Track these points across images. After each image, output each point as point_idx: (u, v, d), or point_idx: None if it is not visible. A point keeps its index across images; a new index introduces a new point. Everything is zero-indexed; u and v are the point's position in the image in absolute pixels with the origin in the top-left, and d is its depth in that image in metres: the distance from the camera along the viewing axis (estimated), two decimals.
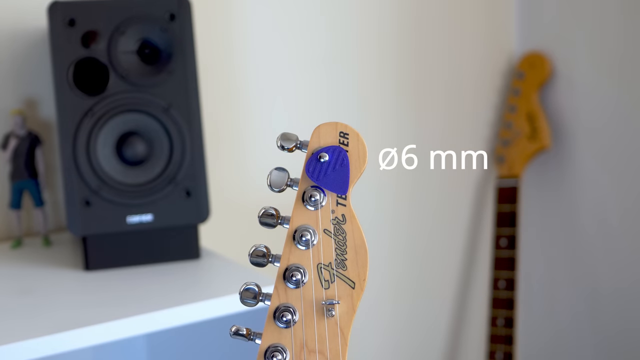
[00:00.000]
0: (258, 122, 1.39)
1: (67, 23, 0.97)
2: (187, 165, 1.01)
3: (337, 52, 1.45)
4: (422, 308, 1.67)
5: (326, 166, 0.53)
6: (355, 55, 1.47)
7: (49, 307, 0.89)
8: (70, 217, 0.98)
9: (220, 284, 0.99)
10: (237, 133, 1.37)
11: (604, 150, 1.57)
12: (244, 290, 0.55)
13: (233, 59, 1.35)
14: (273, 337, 0.55)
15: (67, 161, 0.98)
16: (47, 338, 0.79)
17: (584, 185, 1.61)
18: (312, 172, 0.53)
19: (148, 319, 0.85)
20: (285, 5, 1.39)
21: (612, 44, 1.53)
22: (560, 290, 1.70)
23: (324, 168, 0.53)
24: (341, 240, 0.54)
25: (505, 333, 1.58)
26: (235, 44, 1.35)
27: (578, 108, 1.60)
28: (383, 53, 1.51)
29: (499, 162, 1.63)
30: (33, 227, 1.18)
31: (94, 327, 0.82)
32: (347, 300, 0.54)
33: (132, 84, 0.99)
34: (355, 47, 1.47)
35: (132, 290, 0.94)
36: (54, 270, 1.02)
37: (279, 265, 0.55)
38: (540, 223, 1.71)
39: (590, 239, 1.62)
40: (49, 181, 1.19)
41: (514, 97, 1.62)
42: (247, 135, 1.38)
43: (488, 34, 1.65)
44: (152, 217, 1.00)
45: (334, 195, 0.54)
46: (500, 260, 1.59)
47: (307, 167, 0.53)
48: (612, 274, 1.59)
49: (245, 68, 1.36)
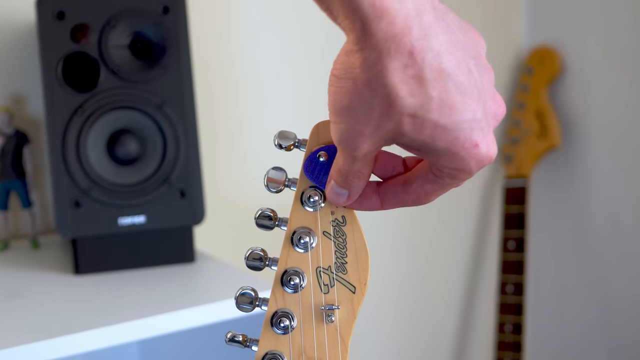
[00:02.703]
0: (255, 120, 1.39)
1: (56, 16, 0.97)
2: (182, 165, 1.01)
3: (337, 47, 1.45)
4: (426, 313, 1.67)
5: (325, 165, 0.53)
6: None
7: (36, 313, 0.89)
8: (59, 218, 0.98)
9: (216, 289, 0.99)
10: (233, 131, 1.38)
11: (617, 148, 1.57)
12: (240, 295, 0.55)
13: (229, 54, 1.35)
14: (270, 343, 0.55)
15: (56, 160, 0.98)
16: (34, 345, 0.79)
17: (596, 185, 1.61)
18: (310, 172, 0.53)
19: (141, 325, 0.85)
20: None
21: (624, 38, 1.53)
22: (570, 295, 1.70)
23: (324, 167, 0.53)
24: (341, 242, 0.54)
25: (513, 340, 1.58)
26: (231, 38, 1.35)
27: (589, 105, 1.60)
28: None
29: (507, 161, 1.63)
30: (20, 229, 1.19)
31: (84, 333, 0.82)
32: (348, 305, 0.54)
33: (124, 79, 0.99)
34: None
35: (124, 295, 0.94)
36: (42, 274, 1.02)
37: (276, 269, 0.55)
38: (549, 225, 1.71)
39: (603, 241, 1.62)
40: (37, 181, 1.19)
41: (522, 94, 1.62)
42: (244, 133, 1.38)
43: (495, 27, 1.65)
44: (145, 219, 1.00)
45: None
46: (508, 263, 1.59)
47: (305, 167, 0.53)
48: (626, 279, 1.59)
49: (242, 63, 1.36)
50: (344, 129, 0.45)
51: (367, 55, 0.42)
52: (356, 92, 0.43)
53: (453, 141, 0.44)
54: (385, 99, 0.42)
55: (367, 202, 0.51)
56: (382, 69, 0.42)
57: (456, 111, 0.43)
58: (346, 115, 0.44)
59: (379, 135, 0.44)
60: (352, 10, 0.42)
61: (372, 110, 0.43)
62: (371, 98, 0.42)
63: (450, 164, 0.45)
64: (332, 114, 0.46)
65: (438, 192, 0.48)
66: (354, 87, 0.43)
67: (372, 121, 0.43)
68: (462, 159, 0.45)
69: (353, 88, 0.43)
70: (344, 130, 0.45)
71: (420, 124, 0.43)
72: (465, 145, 0.44)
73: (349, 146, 0.46)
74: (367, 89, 0.42)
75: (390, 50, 0.41)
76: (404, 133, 0.44)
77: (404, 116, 0.43)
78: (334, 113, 0.45)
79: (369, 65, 0.42)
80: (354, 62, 0.43)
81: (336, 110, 0.45)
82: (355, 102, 0.43)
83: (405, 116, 0.43)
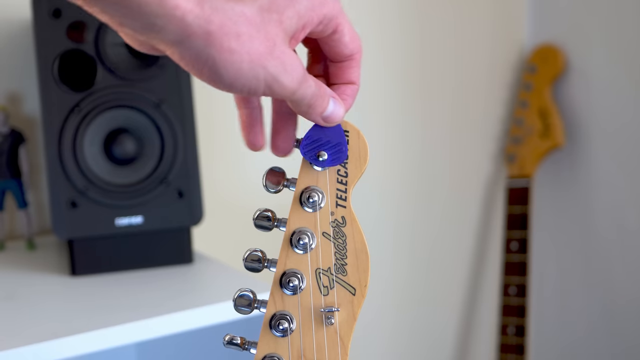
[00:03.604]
0: None
1: (52, 14, 0.97)
2: (179, 165, 1.01)
3: None
4: (428, 316, 1.67)
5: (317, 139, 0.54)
6: None
7: (32, 315, 0.89)
8: (56, 219, 0.98)
9: (214, 290, 0.99)
10: (231, 130, 1.37)
11: (621, 148, 1.57)
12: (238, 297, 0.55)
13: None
14: (269, 346, 0.55)
15: (52, 160, 0.98)
16: (30, 347, 0.79)
17: (600, 186, 1.61)
18: (306, 151, 0.54)
19: (138, 327, 0.85)
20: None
21: (629, 35, 1.53)
22: (574, 297, 1.70)
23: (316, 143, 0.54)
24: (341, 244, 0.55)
25: (516, 342, 1.58)
26: None
27: (593, 103, 1.60)
28: (386, 46, 1.51)
29: (510, 161, 1.63)
30: (16, 230, 1.19)
31: (80, 335, 0.82)
32: (348, 307, 0.55)
33: (122, 78, 0.99)
34: None
35: (121, 296, 0.94)
36: (38, 276, 1.02)
37: (275, 271, 0.55)
38: (553, 226, 1.71)
39: (606, 243, 1.62)
40: (33, 181, 1.19)
41: (525, 92, 1.62)
42: None
43: (498, 25, 1.65)
44: (142, 219, 1.00)
45: (334, 196, 0.54)
46: (510, 265, 1.59)
47: (302, 148, 0.54)
48: (630, 280, 1.59)
49: None
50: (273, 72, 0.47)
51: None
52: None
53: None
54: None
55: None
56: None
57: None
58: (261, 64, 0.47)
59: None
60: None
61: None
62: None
63: None
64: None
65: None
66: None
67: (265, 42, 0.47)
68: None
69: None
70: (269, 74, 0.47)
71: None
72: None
73: (287, 83, 0.48)
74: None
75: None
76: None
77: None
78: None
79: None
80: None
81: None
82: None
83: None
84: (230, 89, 0.47)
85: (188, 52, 0.45)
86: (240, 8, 0.46)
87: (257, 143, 0.54)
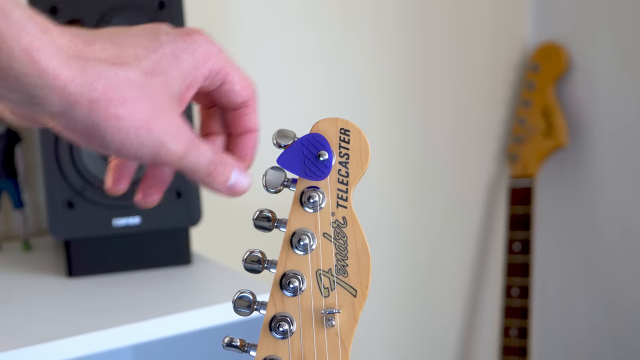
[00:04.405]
0: None
1: (49, 11, 0.97)
2: None
3: (337, 43, 1.45)
4: (429, 317, 1.67)
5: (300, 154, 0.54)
6: (357, 46, 1.47)
7: (28, 317, 0.89)
8: (52, 219, 0.98)
9: (213, 292, 0.99)
10: None
11: (625, 148, 1.57)
12: (238, 299, 0.55)
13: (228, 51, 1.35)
14: (269, 348, 0.55)
15: (48, 160, 0.98)
16: (26, 350, 0.79)
17: (603, 186, 1.61)
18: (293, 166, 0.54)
19: (135, 329, 0.85)
20: None
21: (633, 34, 1.53)
22: (577, 298, 1.70)
23: (301, 156, 0.54)
24: (342, 244, 0.54)
25: (519, 344, 1.58)
26: (229, 35, 1.35)
27: (597, 103, 1.60)
28: (387, 45, 1.51)
29: (512, 160, 1.63)
30: (12, 231, 1.18)
31: (77, 337, 0.82)
32: (349, 309, 0.54)
33: None
34: (357, 38, 1.47)
35: (118, 298, 0.94)
36: (34, 277, 1.01)
37: (275, 272, 0.55)
38: (556, 226, 1.71)
39: (610, 244, 1.61)
40: (29, 181, 1.19)
41: (528, 91, 1.62)
42: None
43: (500, 23, 1.65)
44: (140, 220, 1.00)
45: (334, 196, 0.54)
46: (513, 266, 1.59)
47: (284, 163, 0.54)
48: (634, 281, 1.59)
49: (241, 60, 1.36)
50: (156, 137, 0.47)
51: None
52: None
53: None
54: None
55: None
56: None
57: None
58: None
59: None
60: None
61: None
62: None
63: None
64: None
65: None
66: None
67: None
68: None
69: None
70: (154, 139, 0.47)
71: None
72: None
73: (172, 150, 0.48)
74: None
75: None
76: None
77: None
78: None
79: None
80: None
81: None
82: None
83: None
84: (118, 155, 0.47)
85: (73, 122, 0.44)
86: (124, 73, 0.45)
87: (119, 188, 0.57)
